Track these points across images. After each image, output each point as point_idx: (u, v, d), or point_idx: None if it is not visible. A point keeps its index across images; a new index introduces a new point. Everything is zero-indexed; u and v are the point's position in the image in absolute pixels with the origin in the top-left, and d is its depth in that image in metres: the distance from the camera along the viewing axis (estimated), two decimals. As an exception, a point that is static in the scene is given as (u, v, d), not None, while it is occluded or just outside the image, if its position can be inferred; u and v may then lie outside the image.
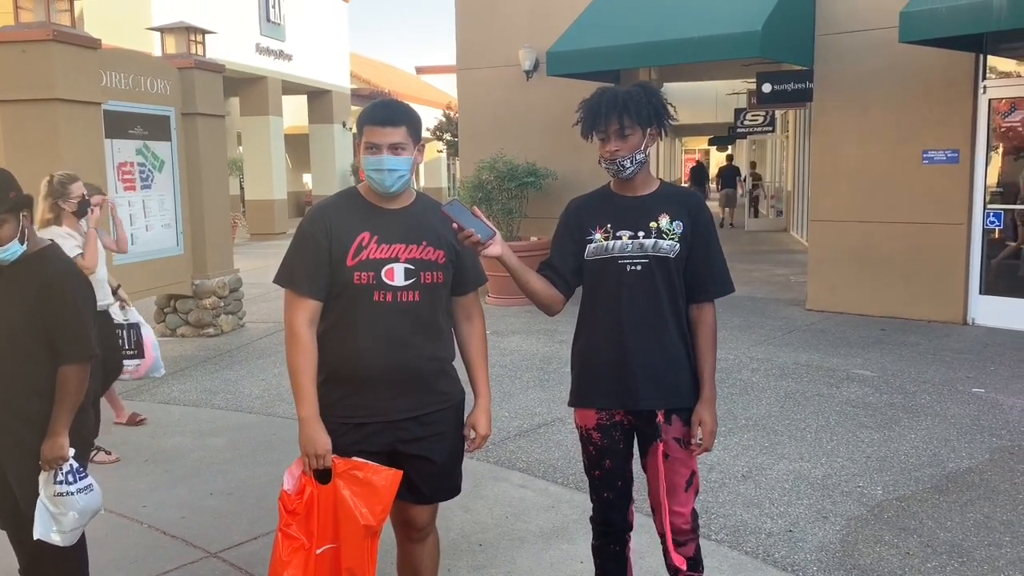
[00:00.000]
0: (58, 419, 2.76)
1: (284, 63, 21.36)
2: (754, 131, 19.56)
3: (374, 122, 2.50)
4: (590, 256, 2.63)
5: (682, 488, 2.65)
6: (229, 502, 4.32)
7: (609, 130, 2.55)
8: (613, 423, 2.67)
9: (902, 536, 3.80)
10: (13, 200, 2.73)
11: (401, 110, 2.55)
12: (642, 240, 2.59)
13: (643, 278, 2.58)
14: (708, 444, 2.63)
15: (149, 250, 7.75)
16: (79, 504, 2.82)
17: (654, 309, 2.59)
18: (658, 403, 2.61)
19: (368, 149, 2.50)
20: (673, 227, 2.59)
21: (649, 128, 2.58)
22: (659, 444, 2.61)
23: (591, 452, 2.72)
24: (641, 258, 2.58)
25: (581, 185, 2.72)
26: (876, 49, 8.46)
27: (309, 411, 2.50)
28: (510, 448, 5.00)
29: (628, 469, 2.73)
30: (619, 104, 2.53)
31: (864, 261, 8.78)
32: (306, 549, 2.47)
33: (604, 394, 2.65)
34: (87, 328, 2.83)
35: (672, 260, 2.58)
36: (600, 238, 2.62)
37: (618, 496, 2.73)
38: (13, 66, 6.55)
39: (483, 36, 11.10)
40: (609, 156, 2.57)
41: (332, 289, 2.53)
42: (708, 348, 2.64)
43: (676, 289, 2.61)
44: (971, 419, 5.41)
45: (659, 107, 2.59)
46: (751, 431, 5.25)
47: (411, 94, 29.16)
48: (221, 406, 6.09)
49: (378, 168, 2.49)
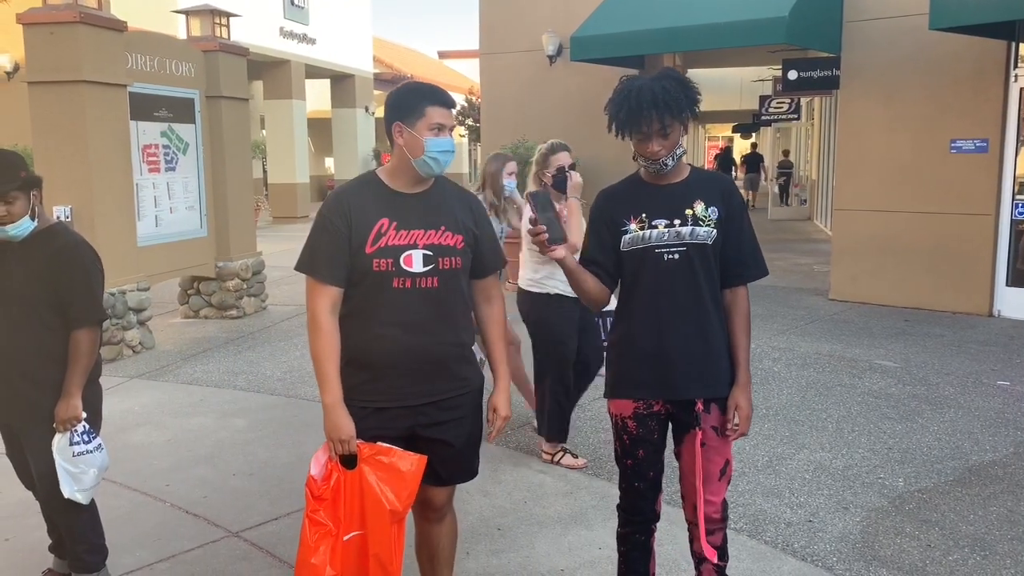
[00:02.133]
0: (72, 381, 2.94)
1: (308, 47, 21.38)
2: (779, 118, 19.34)
3: (442, 103, 2.54)
4: (626, 247, 2.59)
5: (716, 477, 2.64)
6: (250, 482, 4.37)
7: (650, 131, 2.48)
8: (651, 413, 2.65)
9: (923, 528, 3.77)
10: (24, 179, 2.92)
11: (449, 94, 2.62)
12: (679, 228, 2.55)
13: (682, 266, 2.55)
14: (744, 428, 2.61)
15: (173, 232, 7.81)
16: (97, 461, 3.02)
17: (694, 297, 2.56)
18: (699, 392, 2.58)
19: (434, 130, 2.52)
20: (709, 213, 2.56)
21: (682, 120, 2.52)
22: (698, 432, 2.59)
23: (624, 441, 2.70)
24: (679, 246, 2.54)
25: (603, 171, 2.72)
26: (905, 36, 8.33)
27: (334, 397, 2.51)
28: (529, 433, 5.01)
29: (660, 460, 2.71)
30: (659, 103, 2.45)
31: (888, 251, 8.69)
32: (333, 535, 2.48)
33: (643, 385, 2.63)
34: (97, 292, 3.02)
35: (710, 247, 2.55)
36: (635, 228, 2.58)
37: (648, 486, 2.71)
38: (41, 48, 6.62)
39: (506, 21, 11.05)
40: (652, 156, 2.51)
41: (352, 276, 2.53)
42: (743, 332, 2.62)
43: (714, 276, 2.59)
44: (995, 412, 5.36)
45: (692, 94, 2.53)
46: (772, 421, 5.22)
47: (433, 79, 29.04)
48: (243, 387, 6.14)
49: (448, 149, 2.53)
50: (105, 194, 6.85)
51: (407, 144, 2.53)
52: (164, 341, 7.57)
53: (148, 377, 6.42)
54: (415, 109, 2.52)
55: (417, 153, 2.52)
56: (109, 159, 6.91)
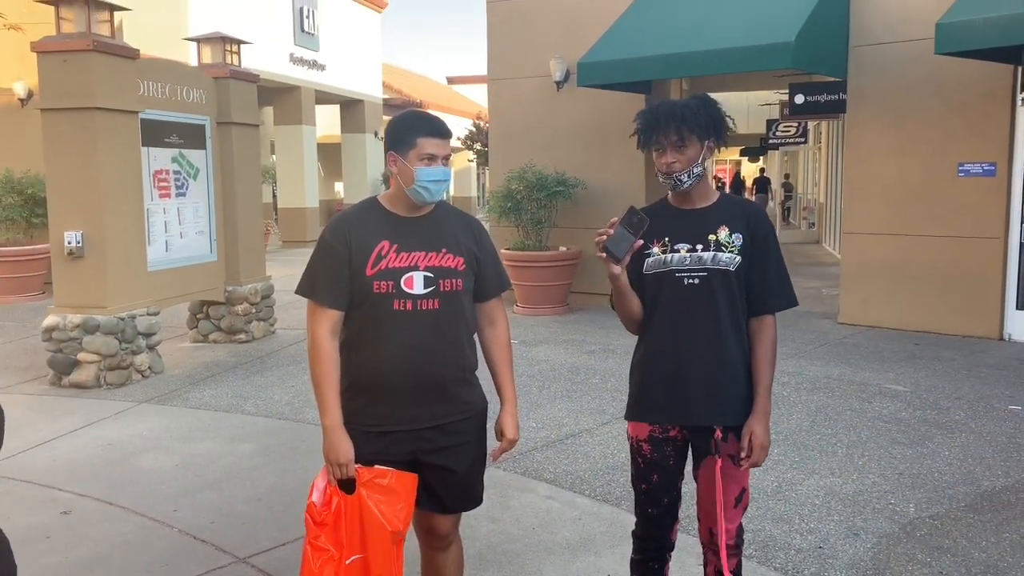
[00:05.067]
0: None
1: (317, 73, 21.58)
2: (786, 142, 19.40)
3: (434, 134, 2.55)
4: (648, 270, 2.59)
5: (731, 504, 2.61)
6: (258, 508, 4.36)
7: (667, 142, 2.51)
8: (666, 438, 2.64)
9: (935, 555, 3.73)
10: None
11: (445, 124, 2.63)
12: (700, 253, 2.55)
13: (701, 291, 2.54)
14: (757, 459, 2.56)
15: (183, 257, 7.86)
16: None
17: (713, 323, 2.55)
18: (714, 419, 2.56)
19: (424, 160, 2.53)
20: (732, 239, 2.55)
21: (707, 141, 2.53)
22: (717, 460, 2.56)
23: (639, 464, 2.68)
24: (700, 271, 2.54)
25: (610, 195, 2.72)
26: (911, 61, 8.37)
27: (333, 420, 2.52)
28: (537, 459, 4.99)
29: (676, 487, 2.69)
30: (677, 115, 2.49)
31: (898, 275, 8.67)
32: (336, 560, 2.48)
33: (659, 409, 2.62)
34: None
35: (732, 273, 2.54)
36: (658, 252, 2.58)
37: (662, 513, 2.69)
38: (55, 75, 6.71)
39: (514, 47, 11.13)
40: (666, 169, 2.53)
41: (353, 298, 2.55)
42: (766, 362, 2.59)
43: (736, 302, 2.56)
44: (1007, 437, 5.31)
45: (718, 119, 2.55)
46: (782, 445, 5.19)
47: (442, 104, 29.32)
48: (251, 412, 6.15)
49: (439, 179, 2.54)
50: (116, 219, 6.91)
51: (400, 173, 2.57)
52: (173, 365, 7.59)
53: (157, 401, 6.44)
54: (406, 140, 2.55)
55: (408, 182, 2.55)
56: (120, 185, 6.97)
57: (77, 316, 6.80)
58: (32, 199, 11.63)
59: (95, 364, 6.80)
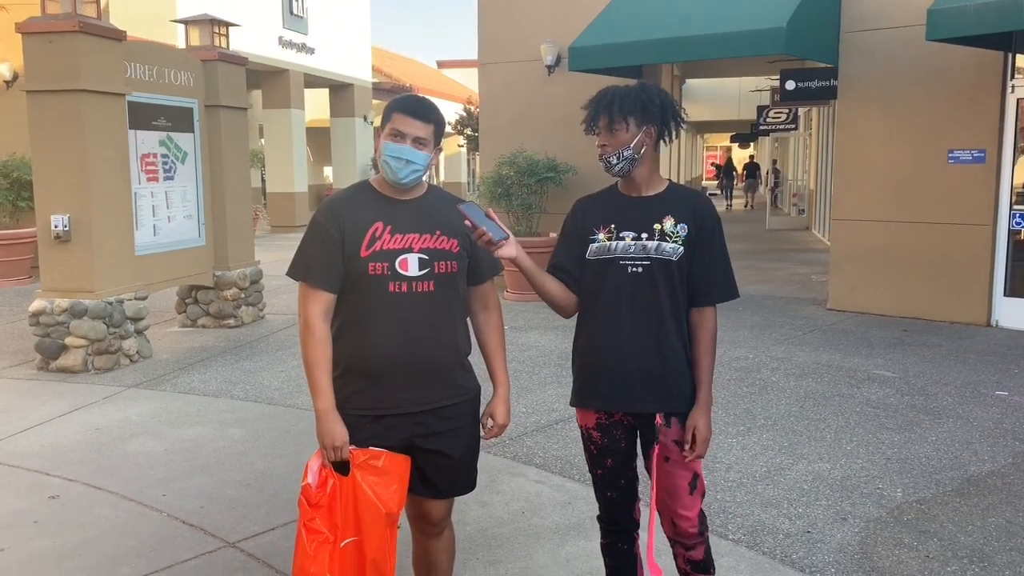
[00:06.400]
0: None
1: (306, 56, 21.44)
2: (777, 128, 19.41)
3: (406, 111, 2.51)
4: (592, 256, 2.60)
5: (685, 491, 2.61)
6: (247, 492, 4.35)
7: (600, 125, 2.57)
8: (613, 422, 2.66)
9: (922, 539, 3.76)
10: None
11: (432, 108, 2.57)
12: (645, 242, 2.55)
13: (644, 280, 2.55)
14: (701, 451, 2.56)
15: (171, 241, 7.81)
16: None
17: (654, 312, 2.55)
18: (655, 406, 2.57)
19: (392, 136, 2.50)
20: (677, 230, 2.55)
21: (646, 127, 2.53)
22: (656, 447, 2.57)
23: (592, 451, 2.71)
24: (643, 260, 2.54)
25: (600, 181, 2.70)
26: (902, 47, 8.36)
27: (325, 403, 2.51)
28: (527, 443, 5.00)
29: (631, 467, 2.71)
30: (607, 100, 2.55)
31: (887, 261, 8.70)
32: (330, 542, 2.47)
33: (601, 395, 2.63)
34: None
35: (674, 263, 2.54)
36: (603, 238, 2.59)
37: (621, 495, 2.72)
38: (40, 57, 6.63)
39: (505, 31, 11.07)
40: (600, 152, 2.59)
41: (347, 281, 2.53)
42: (706, 353, 2.60)
43: (677, 292, 2.56)
44: (994, 422, 5.35)
45: (653, 106, 2.53)
46: (770, 431, 5.22)
47: (432, 88, 29.18)
48: (240, 397, 6.13)
49: (398, 156, 2.49)
50: (103, 203, 6.85)
51: (377, 149, 2.56)
52: (161, 350, 7.56)
53: (145, 386, 6.41)
54: (387, 115, 2.55)
55: (380, 157, 2.55)
56: (107, 168, 6.91)
57: (64, 300, 6.76)
58: (18, 182, 11.53)
59: (83, 349, 6.76)
